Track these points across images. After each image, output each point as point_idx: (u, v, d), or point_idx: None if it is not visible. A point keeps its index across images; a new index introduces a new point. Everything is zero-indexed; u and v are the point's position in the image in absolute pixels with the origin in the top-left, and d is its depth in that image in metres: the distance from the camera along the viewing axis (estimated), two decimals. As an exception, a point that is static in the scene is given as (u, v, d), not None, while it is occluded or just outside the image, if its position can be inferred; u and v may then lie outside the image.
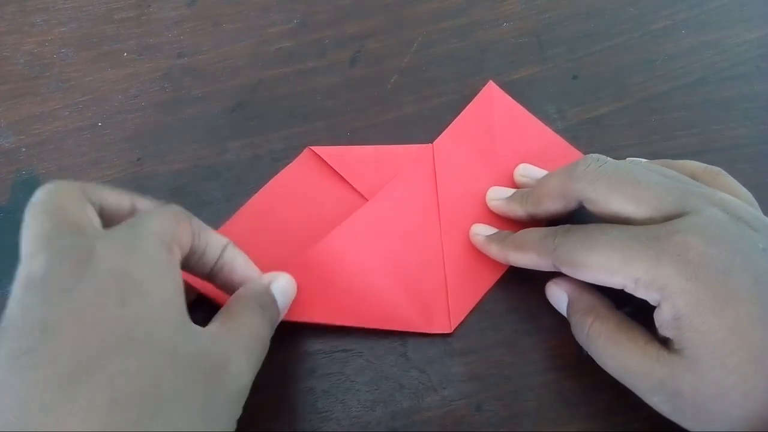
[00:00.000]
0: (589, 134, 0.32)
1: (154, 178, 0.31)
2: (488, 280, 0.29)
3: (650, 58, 0.34)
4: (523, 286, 0.29)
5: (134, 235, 0.20)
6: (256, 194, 0.30)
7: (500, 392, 0.27)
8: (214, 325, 0.21)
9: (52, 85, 0.34)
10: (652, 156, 0.31)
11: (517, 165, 0.30)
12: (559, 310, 0.26)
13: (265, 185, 0.30)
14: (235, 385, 0.20)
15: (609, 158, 0.25)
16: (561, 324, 0.26)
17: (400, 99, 0.33)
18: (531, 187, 0.29)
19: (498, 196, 0.29)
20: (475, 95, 0.32)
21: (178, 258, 0.21)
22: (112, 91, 0.34)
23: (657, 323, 0.22)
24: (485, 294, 0.28)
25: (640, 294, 0.22)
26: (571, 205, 0.25)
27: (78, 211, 0.20)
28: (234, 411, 0.20)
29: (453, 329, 0.28)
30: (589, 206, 0.24)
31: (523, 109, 0.32)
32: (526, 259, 0.26)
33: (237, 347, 0.21)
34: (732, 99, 0.32)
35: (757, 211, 0.24)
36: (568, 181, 0.25)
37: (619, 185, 0.23)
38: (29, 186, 0.31)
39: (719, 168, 0.26)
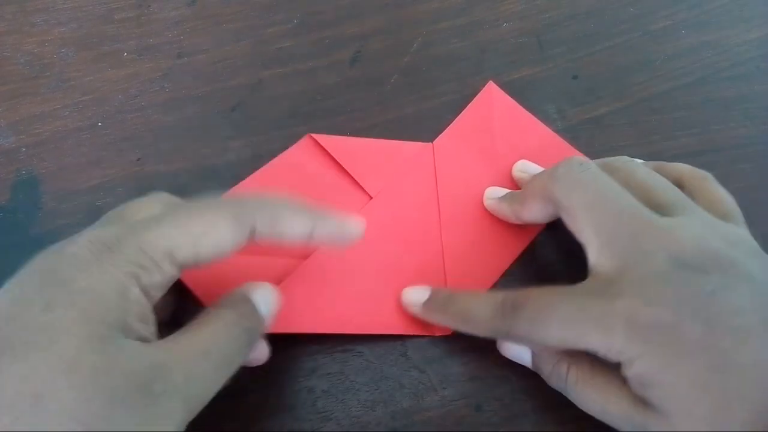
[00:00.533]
0: (589, 134, 0.32)
1: (154, 178, 0.31)
2: (488, 280, 0.29)
3: (650, 58, 0.34)
4: (522, 286, 0.29)
5: (109, 241, 0.19)
6: (246, 179, 0.29)
7: (500, 392, 0.27)
8: (163, 340, 0.19)
9: (52, 85, 0.34)
10: (651, 156, 0.31)
11: (516, 165, 0.30)
12: (522, 363, 0.26)
13: (257, 171, 0.30)
14: (161, 409, 0.18)
15: (593, 164, 0.25)
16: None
17: (400, 99, 0.33)
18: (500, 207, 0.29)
19: (493, 195, 0.29)
20: (475, 95, 0.32)
21: (168, 276, 0.20)
22: (112, 91, 0.34)
23: (626, 380, 0.22)
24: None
25: (601, 357, 0.22)
26: (552, 209, 0.25)
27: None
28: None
29: (453, 330, 0.28)
30: (565, 216, 0.25)
31: (523, 109, 0.32)
32: (477, 333, 0.25)
33: (176, 362, 0.19)
34: (732, 99, 0.32)
35: (733, 226, 0.24)
36: (548, 181, 0.25)
37: (590, 201, 0.23)
38: (29, 186, 0.31)
39: (706, 173, 0.26)
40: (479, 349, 0.27)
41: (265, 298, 0.23)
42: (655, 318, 0.20)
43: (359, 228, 0.24)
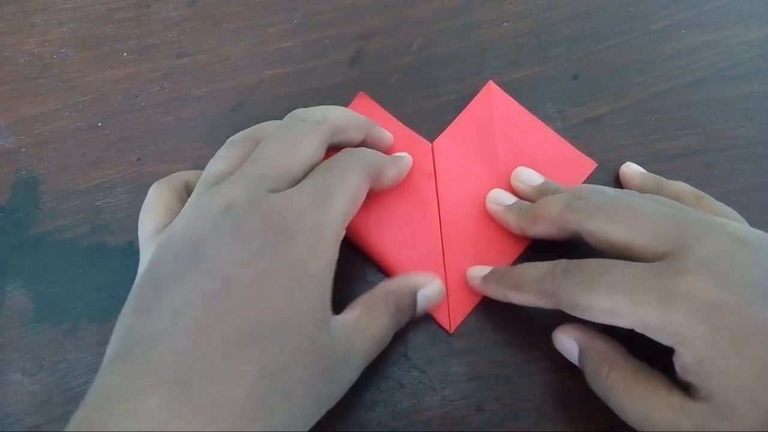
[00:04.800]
0: (589, 134, 0.32)
1: (154, 178, 0.31)
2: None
3: (650, 58, 0.34)
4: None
5: (317, 226, 0.22)
6: None
7: (500, 392, 0.27)
8: (349, 317, 0.24)
9: (52, 85, 0.34)
10: (651, 155, 0.31)
11: (517, 165, 0.30)
12: (570, 359, 0.25)
13: None
14: (346, 379, 0.23)
15: (609, 189, 0.25)
16: (561, 324, 0.26)
17: (400, 99, 0.33)
18: (527, 193, 0.29)
19: (498, 200, 0.29)
20: (475, 95, 0.32)
21: (342, 237, 0.23)
22: (112, 91, 0.34)
23: (677, 368, 0.21)
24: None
25: (651, 336, 0.21)
26: (565, 234, 0.25)
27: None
28: (335, 401, 0.23)
29: (453, 329, 0.28)
30: (587, 238, 0.24)
31: (524, 108, 0.32)
32: (526, 300, 0.25)
33: (360, 345, 0.23)
34: (732, 99, 0.32)
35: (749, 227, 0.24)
36: (566, 211, 0.25)
37: (617, 214, 0.23)
38: (29, 186, 0.31)
39: (702, 192, 0.27)
40: (479, 349, 0.28)
41: (427, 297, 0.26)
42: (721, 297, 0.19)
43: (411, 159, 0.30)
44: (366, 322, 0.24)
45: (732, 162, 0.31)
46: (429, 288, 0.27)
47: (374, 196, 0.29)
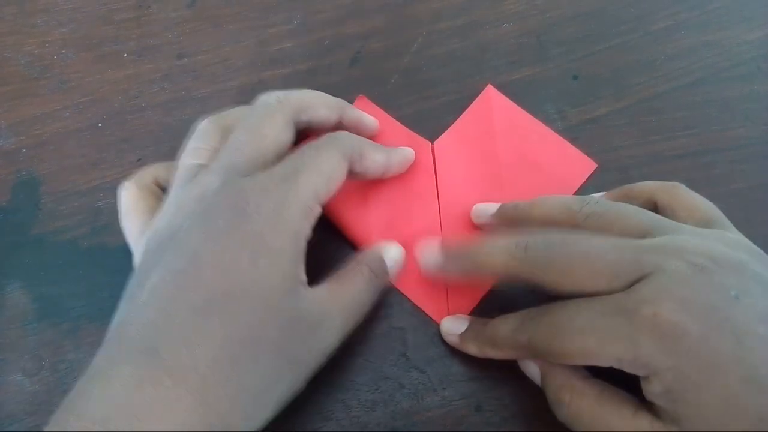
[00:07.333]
0: (589, 134, 0.32)
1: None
2: (487, 281, 0.29)
3: (650, 58, 0.34)
4: (522, 286, 0.29)
5: (282, 200, 0.22)
6: None
7: (500, 392, 0.27)
8: (322, 287, 0.24)
9: (52, 86, 0.34)
10: (651, 156, 0.31)
11: (518, 166, 0.30)
12: (537, 383, 0.25)
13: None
14: (324, 343, 0.23)
15: (554, 234, 0.23)
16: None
17: (400, 99, 0.33)
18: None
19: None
20: (475, 96, 0.32)
21: (316, 215, 0.23)
22: (112, 92, 0.34)
23: (646, 394, 0.21)
24: (485, 294, 0.28)
25: (625, 369, 0.21)
26: (517, 282, 0.24)
27: (269, 148, 0.24)
28: (315, 364, 0.23)
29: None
30: (541, 288, 0.23)
31: (523, 110, 0.32)
32: (503, 355, 0.25)
33: (336, 310, 0.23)
34: (732, 99, 0.32)
35: (722, 231, 0.23)
36: (510, 261, 0.23)
37: (569, 266, 0.22)
38: (29, 187, 0.32)
39: (675, 182, 0.26)
40: (479, 350, 0.28)
41: (393, 259, 0.27)
42: (684, 328, 0.19)
43: (413, 153, 0.30)
44: (340, 288, 0.24)
45: (732, 162, 0.31)
46: (392, 250, 0.27)
47: (375, 196, 0.29)
